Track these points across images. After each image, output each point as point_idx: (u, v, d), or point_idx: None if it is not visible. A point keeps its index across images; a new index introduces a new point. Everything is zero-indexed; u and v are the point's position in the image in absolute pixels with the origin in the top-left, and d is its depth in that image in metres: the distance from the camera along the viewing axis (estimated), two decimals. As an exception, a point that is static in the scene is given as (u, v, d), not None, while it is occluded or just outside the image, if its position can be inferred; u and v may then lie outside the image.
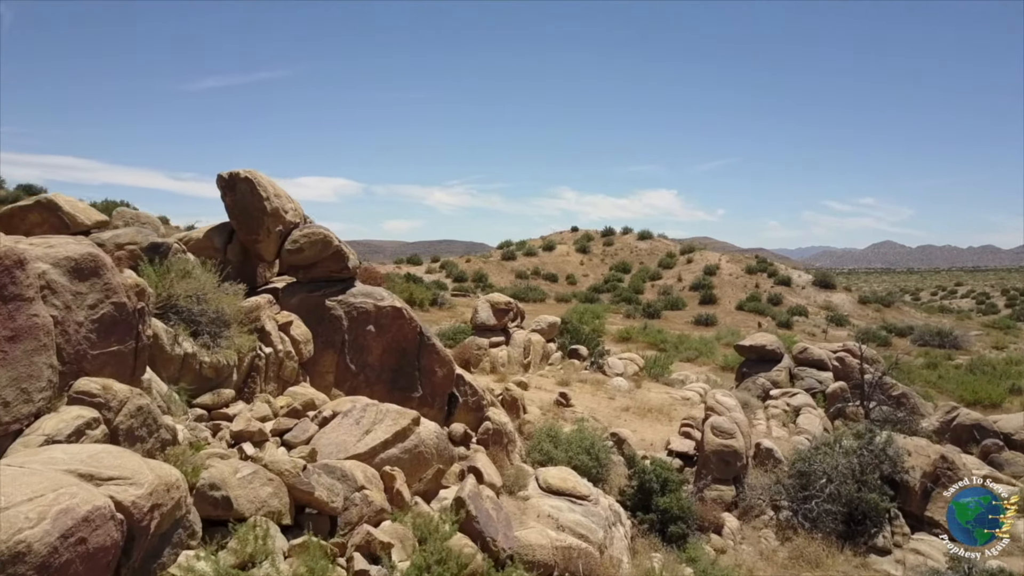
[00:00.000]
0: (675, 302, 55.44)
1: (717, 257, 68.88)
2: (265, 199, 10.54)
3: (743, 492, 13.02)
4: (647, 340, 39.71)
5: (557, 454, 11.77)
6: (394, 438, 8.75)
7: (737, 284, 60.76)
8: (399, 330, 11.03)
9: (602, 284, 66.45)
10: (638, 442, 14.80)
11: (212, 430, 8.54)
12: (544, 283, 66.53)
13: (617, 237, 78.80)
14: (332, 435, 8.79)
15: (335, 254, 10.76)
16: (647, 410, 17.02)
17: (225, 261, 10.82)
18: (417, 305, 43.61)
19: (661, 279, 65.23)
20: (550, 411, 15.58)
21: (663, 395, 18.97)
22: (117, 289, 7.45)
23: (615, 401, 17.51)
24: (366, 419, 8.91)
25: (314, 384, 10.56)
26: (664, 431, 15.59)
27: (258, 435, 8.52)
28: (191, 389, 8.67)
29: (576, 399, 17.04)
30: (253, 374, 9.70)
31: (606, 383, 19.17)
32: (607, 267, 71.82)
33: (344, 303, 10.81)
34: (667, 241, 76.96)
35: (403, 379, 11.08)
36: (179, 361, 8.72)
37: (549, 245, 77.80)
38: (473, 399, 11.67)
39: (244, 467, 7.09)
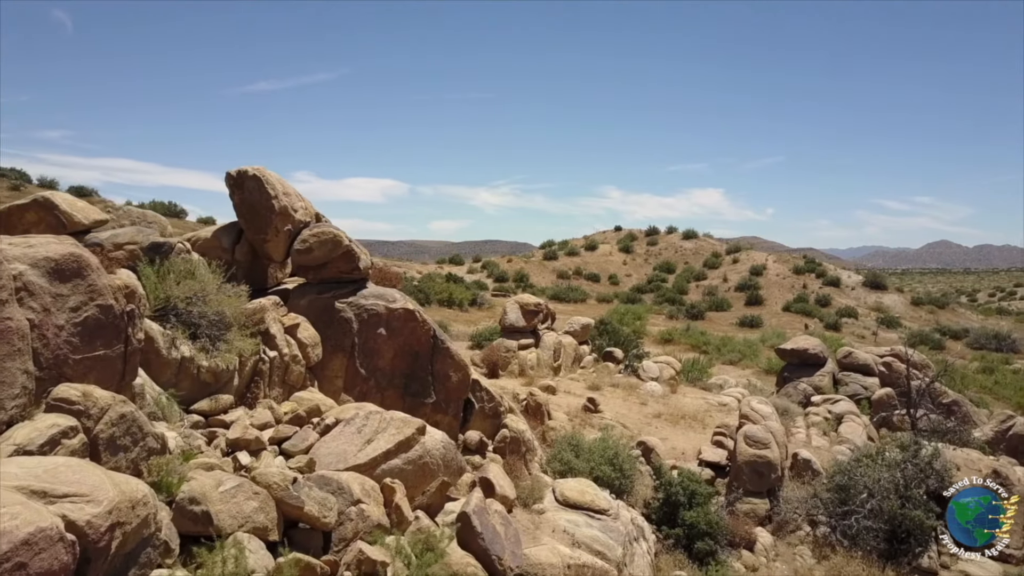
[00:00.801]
0: (720, 303, 54.35)
1: (764, 257, 67.38)
2: (273, 197, 10.20)
3: (778, 506, 12.31)
4: (689, 342, 38.87)
5: (578, 464, 11.22)
6: (397, 448, 8.31)
7: (784, 285, 59.32)
8: (411, 333, 10.61)
9: (645, 284, 65.59)
10: (668, 451, 14.16)
11: (208, 438, 8.21)
12: (586, 283, 65.88)
13: (661, 236, 77.71)
14: (333, 444, 8.38)
15: (345, 254, 10.38)
16: (680, 417, 16.34)
17: (233, 262, 10.53)
18: (456, 305, 43.41)
19: (706, 279, 64.08)
20: (577, 417, 15.02)
21: (699, 401, 18.26)
22: (103, 291, 7.13)
23: (647, 407, 16.87)
24: (368, 428, 8.49)
25: (323, 389, 10.19)
26: (697, 439, 14.92)
27: (255, 443, 8.15)
28: (181, 395, 8.34)
29: (606, 405, 16.44)
30: (256, 379, 9.36)
31: (639, 388, 18.52)
32: (651, 267, 70.88)
33: (354, 305, 10.42)
34: (712, 241, 75.62)
35: (416, 384, 10.65)
36: (176, 365, 8.40)
37: (592, 245, 77.07)
38: (490, 405, 11.19)
39: (228, 480, 6.71)
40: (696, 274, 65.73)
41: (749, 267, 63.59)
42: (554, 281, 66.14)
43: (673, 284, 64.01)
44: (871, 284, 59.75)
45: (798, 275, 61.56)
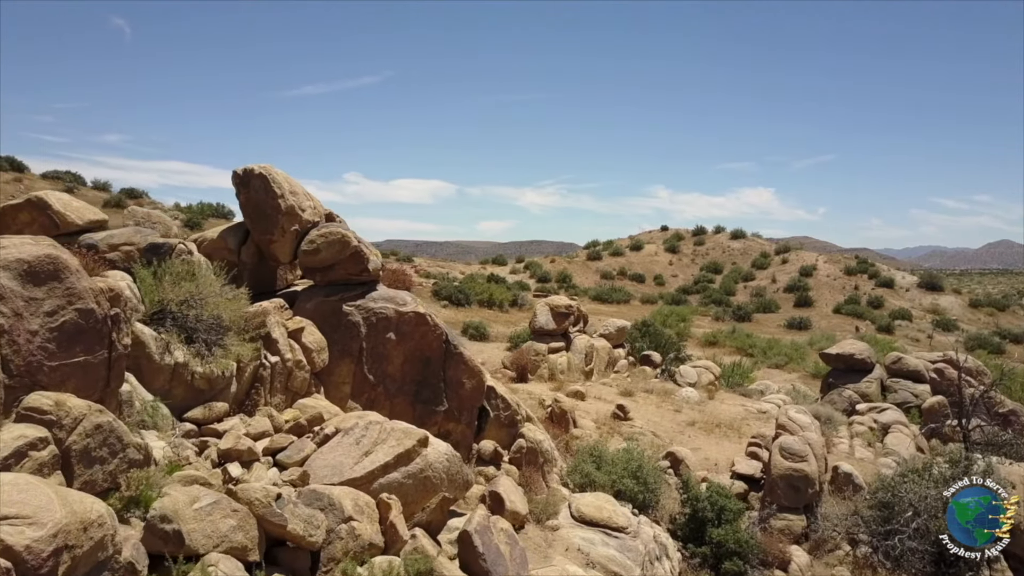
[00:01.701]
0: (768, 304, 53.03)
1: (814, 257, 65.62)
2: (279, 196, 9.83)
3: (815, 523, 11.55)
4: (734, 344, 37.88)
5: (599, 476, 10.63)
6: (396, 461, 7.83)
7: (835, 286, 57.65)
8: (422, 338, 10.14)
9: (691, 285, 64.42)
10: (700, 462, 13.47)
11: (199, 448, 7.84)
12: (630, 284, 64.95)
13: (708, 236, 76.28)
14: (329, 456, 7.95)
15: (353, 255, 9.96)
16: (715, 425, 15.61)
17: (239, 263, 10.20)
18: (496, 306, 42.96)
19: (754, 280, 62.69)
20: (605, 425, 14.42)
21: (737, 408, 17.48)
22: (83, 294, 6.79)
23: (681, 414, 16.17)
24: (367, 439, 8.04)
25: (329, 396, 9.78)
26: (732, 449, 14.19)
27: (247, 454, 7.76)
28: (174, 402, 8.00)
29: (637, 411, 15.79)
30: (257, 385, 8.98)
31: (674, 394, 17.81)
32: (697, 267, 69.63)
33: (362, 308, 9.99)
34: (761, 241, 73.98)
35: (427, 391, 10.18)
36: (169, 371, 8.05)
37: (637, 245, 76.04)
38: (506, 414, 10.67)
39: (205, 496, 6.30)
40: (744, 275, 64.33)
41: (798, 267, 61.99)
42: (597, 282, 65.36)
43: (720, 285, 62.71)
44: (926, 285, 57.66)
45: (849, 276, 59.78)
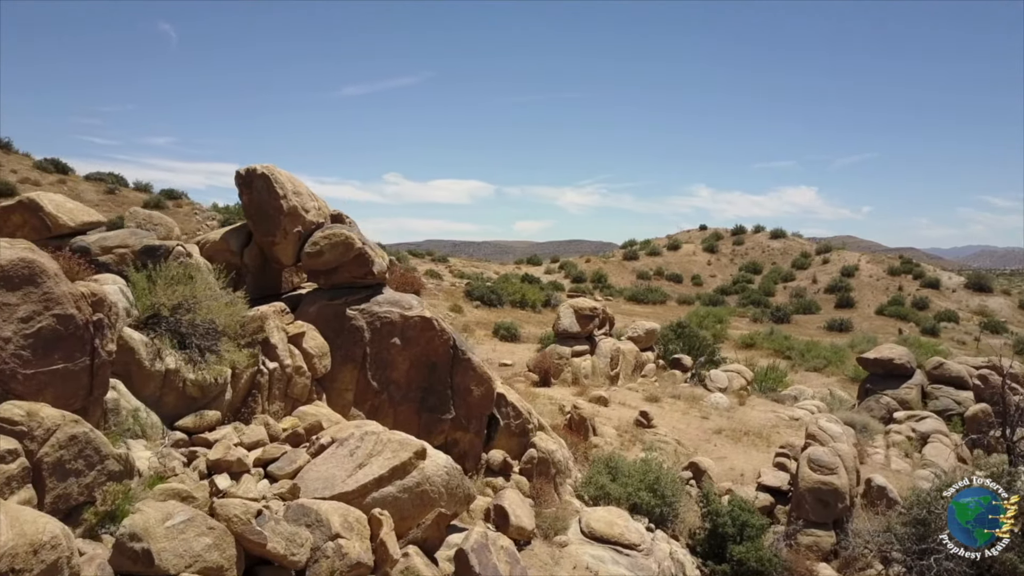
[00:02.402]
0: (808, 305, 51.78)
1: (856, 257, 64.01)
2: (282, 197, 9.53)
3: (845, 539, 10.92)
4: (772, 347, 36.95)
5: (614, 489, 10.15)
6: (391, 474, 7.47)
7: (878, 286, 56.13)
8: (428, 343, 9.77)
9: (730, 285, 63.29)
10: (725, 472, 12.90)
11: (187, 458, 7.56)
12: (667, 284, 64.02)
13: (748, 236, 74.92)
14: (322, 468, 7.61)
15: (357, 257, 9.62)
16: (743, 433, 15.00)
17: (242, 266, 9.94)
18: (529, 306, 42.52)
19: (794, 281, 61.36)
20: (627, 433, 13.91)
21: (767, 414, 16.82)
22: (61, 299, 6.53)
23: (708, 421, 15.58)
24: (362, 450, 7.68)
25: (331, 403, 9.46)
26: (760, 459, 13.58)
27: (236, 465, 7.45)
28: (166, 410, 7.74)
29: (662, 418, 15.26)
30: (254, 392, 8.68)
31: (702, 399, 17.22)
32: (736, 267, 68.41)
33: (366, 312, 9.65)
34: (802, 240, 72.43)
35: (433, 398, 9.81)
36: (160, 378, 7.78)
37: (674, 244, 74.99)
38: (517, 422, 10.26)
39: (179, 512, 5.99)
40: (783, 275, 62.98)
41: (840, 268, 60.49)
42: (633, 282, 64.54)
43: (759, 286, 61.47)
44: (974, 286, 55.80)
45: (893, 276, 58.14)
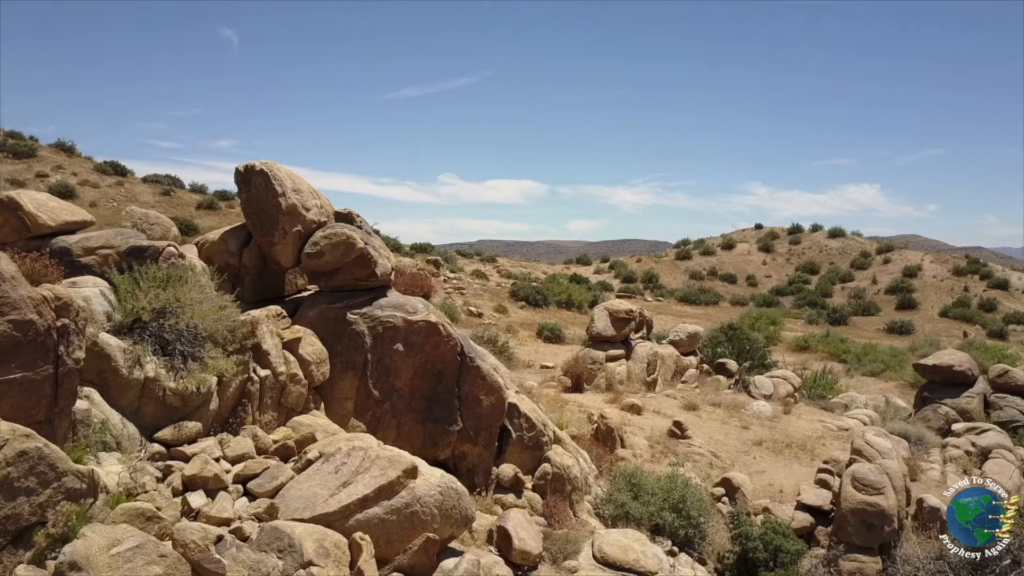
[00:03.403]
0: (866, 307, 49.91)
1: (919, 257, 61.53)
2: (280, 194, 9.03)
3: (892, 566, 9.98)
4: (827, 350, 35.55)
5: (635, 508, 9.41)
6: (377, 494, 6.86)
7: (942, 287, 53.83)
8: (434, 349, 9.17)
9: (785, 286, 61.54)
10: (763, 488, 12.01)
11: (163, 473, 7.09)
12: (720, 284, 62.53)
13: (805, 235, 72.79)
14: (305, 485, 7.06)
15: (359, 258, 9.06)
16: (786, 445, 14.05)
17: (240, 267, 9.48)
18: (575, 307, 41.73)
19: (852, 281, 59.35)
20: (659, 444, 13.11)
21: (814, 424, 15.80)
22: (18, 304, 6.09)
23: (748, 432, 14.66)
24: (348, 467, 7.10)
25: (330, 413, 8.92)
26: (802, 474, 12.65)
27: (213, 482, 6.94)
28: (140, 421, 7.28)
29: (698, 428, 14.41)
30: (244, 401, 8.19)
31: (744, 408, 16.28)
32: (792, 267, 66.55)
33: (368, 317, 9.09)
34: (861, 239, 70.06)
35: (439, 408, 9.20)
36: (138, 387, 7.33)
37: (729, 244, 73.28)
38: (530, 435, 9.58)
39: (129, 538, 5.47)
40: (842, 275, 60.96)
41: (902, 267, 58.22)
42: (686, 282, 63.22)
43: (816, 286, 59.61)
44: (1047, 287, 53.13)
45: (959, 276, 55.68)
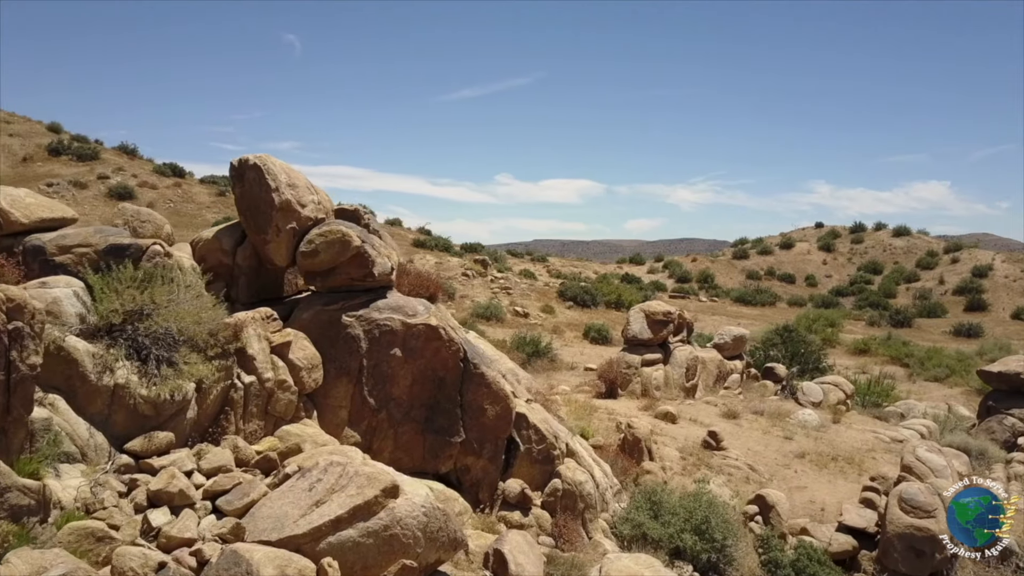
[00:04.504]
0: (932, 308, 47.67)
1: (990, 256, 58.68)
2: (273, 190, 8.52)
3: (945, 599, 9.01)
4: (888, 353, 33.94)
5: (654, 529, 8.64)
6: (351, 515, 6.25)
7: (1015, 288, 51.16)
8: (434, 354, 8.54)
9: (846, 286, 59.48)
10: (802, 505, 11.08)
11: (128, 487, 6.61)
12: (778, 284, 60.74)
13: (868, 234, 70.26)
14: (277, 504, 6.49)
15: (356, 257, 8.50)
16: (831, 458, 13.02)
17: (234, 266, 9.01)
18: (625, 308, 40.75)
19: (918, 281, 56.95)
20: (692, 455, 12.25)
21: (865, 435, 14.70)
22: (-39, 306, 5.69)
23: (791, 443, 13.65)
24: (323, 484, 6.51)
25: (323, 422, 8.38)
26: (847, 490, 11.64)
27: (179, 498, 6.45)
28: (110, 431, 6.82)
29: (738, 438, 13.49)
30: (227, 409, 7.68)
31: (789, 416, 15.25)
32: (854, 267, 64.34)
33: (364, 319, 8.51)
34: (928, 238, 67.26)
35: (440, 418, 8.57)
36: (108, 394, 6.88)
37: (788, 243, 71.22)
38: (539, 447, 8.88)
39: (58, 565, 4.99)
40: (906, 275, 58.53)
41: (971, 267, 55.55)
42: (742, 282, 61.59)
43: (879, 287, 57.33)
44: None
45: (1034, 276, 52.90)
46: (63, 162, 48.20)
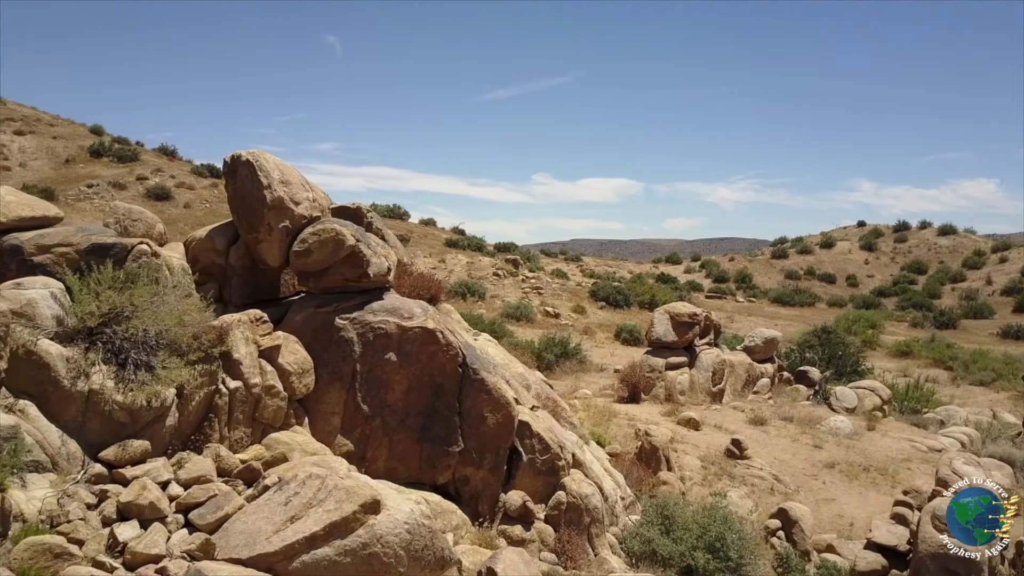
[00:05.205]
0: (979, 309, 46.07)
1: (1041, 255, 56.64)
2: (265, 187, 8.17)
3: (981, 625, 8.34)
4: (931, 356, 32.76)
5: (663, 546, 8.12)
6: (327, 532, 5.87)
7: (1067, 289, 49.20)
8: (431, 359, 8.12)
9: (889, 286, 57.92)
10: (830, 520, 10.45)
11: (99, 498, 6.30)
12: (818, 284, 59.42)
13: (912, 232, 68.44)
14: (251, 518, 6.13)
15: (349, 257, 8.11)
16: (863, 468, 12.32)
17: (227, 267, 8.69)
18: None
19: (964, 281, 55.21)
20: (714, 464, 11.68)
21: (901, 443, 13.95)
22: (-87, 308, 5.41)
23: (820, 451, 12.98)
24: (300, 498, 6.13)
25: (315, 430, 8.00)
26: (879, 503, 10.97)
27: (149, 510, 6.12)
28: (85, 439, 6.52)
29: (764, 447, 12.87)
30: (211, 416, 7.35)
31: (820, 423, 14.56)
32: (897, 267, 62.71)
33: (358, 322, 8.12)
34: (975, 237, 65.27)
35: (437, 426, 8.14)
36: (82, 400, 6.58)
37: (828, 242, 69.70)
38: (543, 458, 8.41)
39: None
40: (952, 275, 56.81)
41: (1021, 267, 53.68)
42: (781, 282, 60.37)
43: (923, 287, 55.71)
44: None
45: (1088, 276, 50.92)
46: (104, 163, 48.89)
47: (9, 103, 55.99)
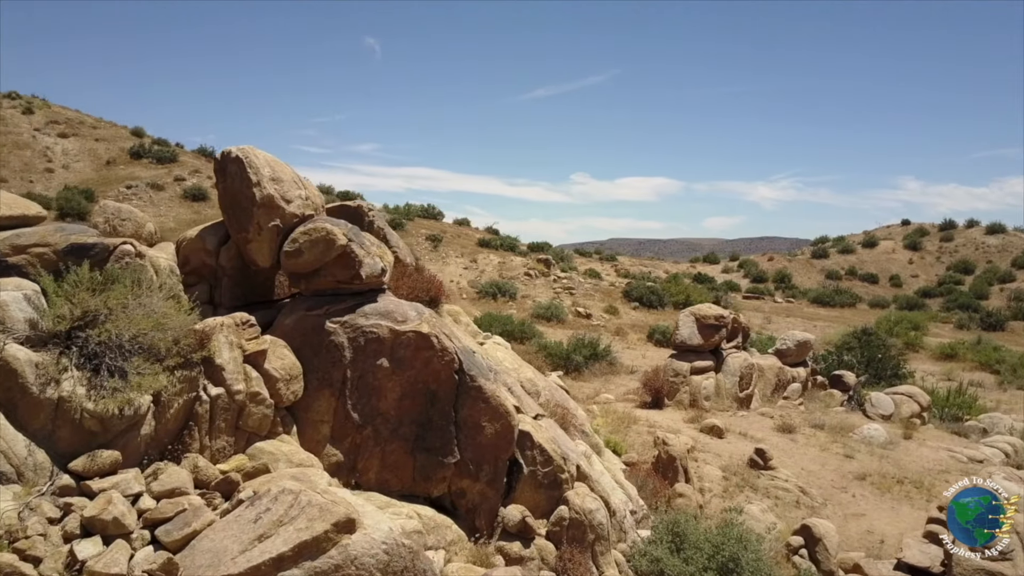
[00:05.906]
0: (1029, 311, 44.38)
1: (1096, 254, 54.52)
2: (255, 184, 7.83)
3: (1021, 657, 7.68)
4: (977, 359, 31.58)
5: (672, 566, 7.59)
6: (296, 552, 5.48)
7: (1123, 289, 47.25)
8: (425, 365, 7.69)
9: (934, 287, 56.24)
10: (858, 536, 9.81)
11: (63, 511, 5.98)
12: (859, 284, 57.96)
13: (958, 231, 66.41)
14: (219, 536, 5.77)
15: (341, 257, 7.73)
16: (897, 480, 11.60)
17: (218, 267, 8.36)
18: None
19: (1013, 282, 53.38)
20: (736, 475, 11.08)
21: (939, 453, 13.18)
22: None
23: (851, 462, 12.28)
24: (270, 515, 5.75)
25: (303, 439, 7.63)
26: (913, 519, 10.29)
27: (113, 526, 5.78)
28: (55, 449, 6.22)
29: (790, 456, 12.22)
30: (191, 424, 7.01)
31: (853, 431, 13.84)
32: (943, 267, 60.89)
33: (349, 326, 7.72)
34: (1025, 235, 63.09)
35: (432, 436, 7.71)
36: (51, 408, 6.27)
37: (871, 241, 67.99)
38: (545, 470, 7.93)
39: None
40: (1000, 275, 54.92)
41: (1073, 266, 51.74)
42: (821, 282, 59.00)
43: (970, 287, 53.96)
44: None
45: None
46: (143, 165, 49.56)
47: (55, 106, 57.14)
